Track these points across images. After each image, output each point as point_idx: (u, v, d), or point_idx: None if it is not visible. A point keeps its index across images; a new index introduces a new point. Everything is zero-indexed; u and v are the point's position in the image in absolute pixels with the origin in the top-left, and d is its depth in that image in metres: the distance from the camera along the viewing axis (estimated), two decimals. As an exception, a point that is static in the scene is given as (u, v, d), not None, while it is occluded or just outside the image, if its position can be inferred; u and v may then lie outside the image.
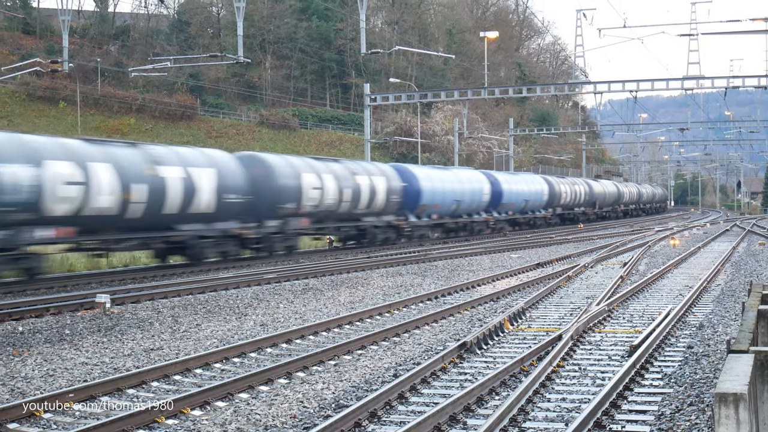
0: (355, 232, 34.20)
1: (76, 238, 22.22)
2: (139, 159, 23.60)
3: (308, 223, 30.29)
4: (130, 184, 22.82)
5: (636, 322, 15.22)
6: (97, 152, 22.36)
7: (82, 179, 21.34)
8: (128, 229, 23.40)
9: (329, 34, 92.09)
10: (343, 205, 31.91)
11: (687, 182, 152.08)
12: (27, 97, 77.52)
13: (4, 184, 19.49)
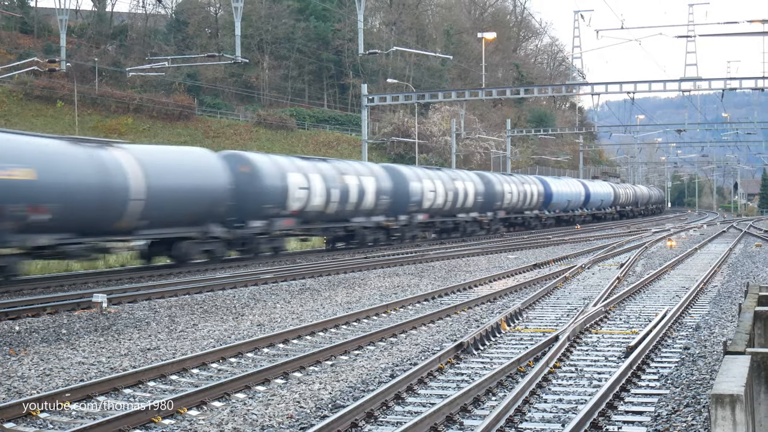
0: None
1: (299, 226, 30.57)
2: (333, 171, 32.21)
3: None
4: (330, 189, 31.50)
5: (633, 323, 15.23)
6: (312, 167, 31.25)
7: (306, 186, 30.12)
8: (326, 221, 32.07)
9: (327, 34, 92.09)
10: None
11: (684, 184, 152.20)
12: (24, 97, 77.44)
13: (268, 189, 28.44)
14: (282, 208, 29.16)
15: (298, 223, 30.47)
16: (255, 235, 28.22)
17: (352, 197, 33.16)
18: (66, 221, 20.84)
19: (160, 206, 23.57)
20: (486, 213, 46.58)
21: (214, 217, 26.05)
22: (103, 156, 22.36)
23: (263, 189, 28.32)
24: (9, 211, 19.31)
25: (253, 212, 27.97)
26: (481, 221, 46.20)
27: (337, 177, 32.47)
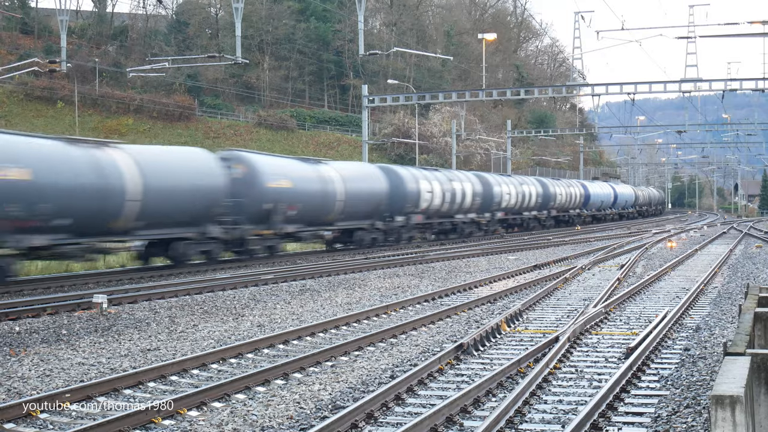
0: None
1: (423, 221, 39.51)
2: (445, 178, 41.68)
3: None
4: (445, 192, 40.73)
5: (633, 324, 15.23)
6: (432, 175, 40.65)
7: (430, 190, 39.39)
8: (440, 217, 41.44)
9: (327, 35, 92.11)
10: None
11: (684, 185, 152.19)
12: (25, 97, 77.46)
13: (409, 193, 37.46)
14: (416, 207, 38.47)
15: (424, 218, 39.76)
16: (399, 227, 37.39)
17: (457, 198, 42.53)
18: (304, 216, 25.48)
19: (156, 207, 23.57)
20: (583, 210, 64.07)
21: (211, 217, 26.12)
22: (99, 156, 22.37)
23: (406, 193, 37.38)
24: (5, 211, 19.33)
25: (398, 210, 36.99)
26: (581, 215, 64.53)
27: (447, 182, 41.62)
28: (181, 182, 24.97)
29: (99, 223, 22.07)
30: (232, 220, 26.98)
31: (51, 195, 20.50)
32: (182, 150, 29.32)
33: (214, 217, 26.15)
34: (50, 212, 20.50)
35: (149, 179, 23.30)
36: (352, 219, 33.48)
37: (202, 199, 25.56)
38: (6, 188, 19.38)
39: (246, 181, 27.57)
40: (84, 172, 21.60)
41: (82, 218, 21.44)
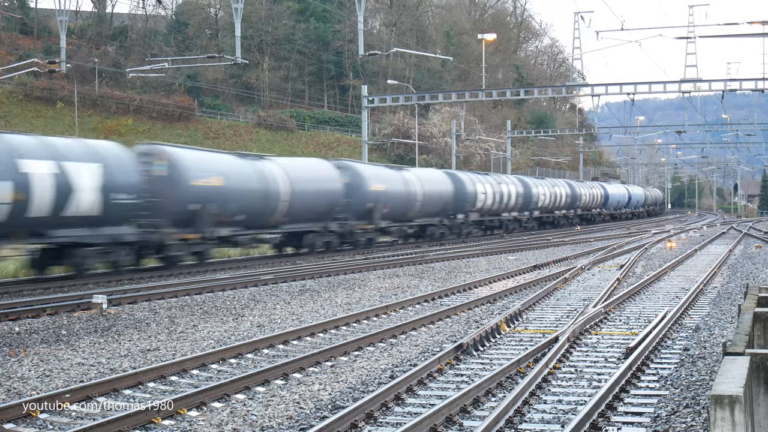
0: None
1: (478, 218, 45.89)
2: (494, 180, 48.47)
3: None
4: (495, 193, 47.32)
5: (632, 324, 15.23)
6: (484, 178, 47.33)
7: (484, 191, 45.73)
8: (490, 214, 48.06)
9: (327, 35, 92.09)
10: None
11: (684, 185, 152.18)
12: (24, 98, 77.45)
13: (468, 194, 43.79)
14: (473, 206, 44.80)
15: (479, 216, 45.99)
16: (460, 223, 44.21)
17: (504, 199, 48.82)
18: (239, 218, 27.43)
19: (298, 206, 29.96)
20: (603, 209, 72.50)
21: (332, 215, 32.45)
22: (261, 167, 29.05)
23: (466, 195, 43.86)
24: (207, 208, 25.60)
25: (460, 209, 43.73)
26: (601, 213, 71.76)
27: (497, 185, 47.84)
28: (314, 186, 31.23)
29: (262, 218, 28.66)
30: (344, 216, 33.27)
31: (235, 197, 26.89)
32: (312, 160, 35.91)
33: (333, 214, 32.52)
34: (233, 210, 26.97)
35: (294, 184, 29.84)
36: (427, 216, 40.81)
37: (326, 200, 31.97)
38: (209, 191, 25.76)
39: (354, 185, 33.94)
40: (254, 180, 28.08)
41: (252, 215, 27.96)
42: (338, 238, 33.28)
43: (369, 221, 34.92)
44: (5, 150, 20.47)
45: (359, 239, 34.58)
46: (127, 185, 23.33)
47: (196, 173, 25.89)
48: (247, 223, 28.02)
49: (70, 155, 22.05)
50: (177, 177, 25.32)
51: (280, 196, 29.25)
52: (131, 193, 23.42)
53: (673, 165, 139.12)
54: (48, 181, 21.04)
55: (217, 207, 26.19)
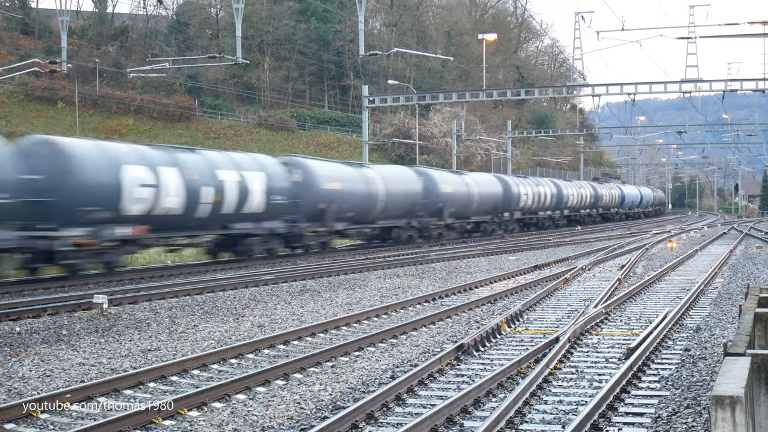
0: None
1: (520, 216, 51.63)
2: (533, 183, 54.77)
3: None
4: (534, 194, 53.17)
5: (633, 324, 15.23)
6: (524, 181, 53.19)
7: (527, 193, 52.01)
8: (529, 213, 53.56)
9: (328, 35, 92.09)
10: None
11: (685, 185, 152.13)
12: (25, 98, 77.46)
13: (514, 195, 49.62)
14: (516, 206, 50.83)
15: (521, 214, 52.05)
16: (507, 220, 49.50)
17: (541, 199, 54.96)
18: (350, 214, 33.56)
19: (390, 205, 36.34)
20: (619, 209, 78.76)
21: (413, 213, 38.82)
22: (365, 172, 35.72)
23: (512, 196, 49.57)
24: (331, 207, 31.95)
25: (506, 208, 49.03)
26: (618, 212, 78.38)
27: (535, 187, 54.33)
28: (401, 189, 37.66)
29: (366, 215, 35.01)
30: (422, 214, 39.51)
31: (349, 198, 33.09)
32: (398, 167, 43.54)
33: (414, 212, 38.90)
34: (347, 208, 33.08)
35: (388, 186, 36.17)
36: (481, 214, 46.47)
37: (410, 200, 38.30)
38: (332, 194, 32.16)
39: (429, 188, 39.98)
40: (361, 183, 34.66)
41: (359, 212, 34.28)
42: (417, 232, 39.64)
43: (440, 218, 41.48)
44: (208, 163, 26.40)
45: (433, 233, 41.26)
46: (281, 189, 29.39)
47: (325, 179, 32.31)
48: (355, 219, 34.54)
49: (245, 166, 28.13)
50: (312, 182, 31.76)
51: (379, 197, 35.90)
52: (283, 195, 29.53)
53: (674, 165, 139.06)
54: (234, 186, 26.97)
55: (337, 206, 32.64)
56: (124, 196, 22.88)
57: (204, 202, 25.63)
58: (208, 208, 25.77)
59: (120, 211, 22.88)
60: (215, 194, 25.95)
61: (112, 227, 22.74)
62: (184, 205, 24.82)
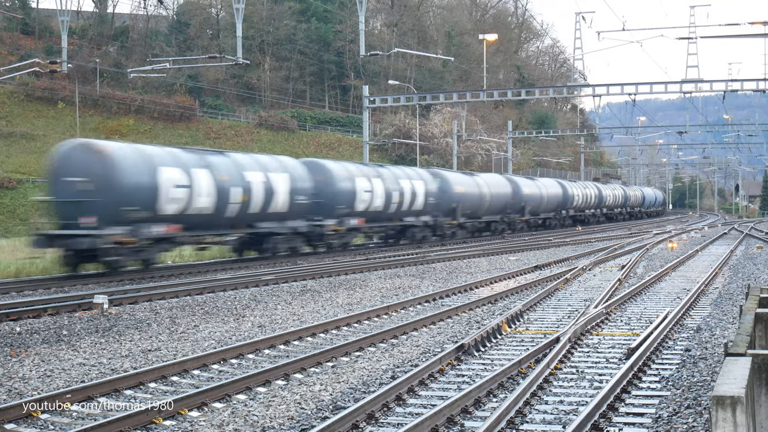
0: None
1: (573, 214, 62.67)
2: (581, 185, 65.71)
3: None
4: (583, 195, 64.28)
5: (634, 324, 15.22)
6: (576, 185, 65.08)
7: (581, 194, 64.37)
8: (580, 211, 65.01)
9: (328, 36, 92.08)
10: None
11: (685, 185, 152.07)
12: (26, 98, 77.46)
13: (570, 196, 61.26)
14: (571, 205, 62.19)
15: (574, 212, 63.07)
16: (563, 217, 60.73)
17: (588, 199, 66.39)
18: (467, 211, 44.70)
19: (493, 204, 47.21)
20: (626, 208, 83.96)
21: (504, 211, 49.24)
22: (476, 178, 46.91)
23: (568, 196, 60.99)
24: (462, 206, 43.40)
25: (563, 207, 60.57)
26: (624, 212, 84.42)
27: (583, 188, 64.67)
28: (499, 191, 48.56)
29: (478, 212, 45.64)
30: (510, 212, 50.02)
31: (456, 198, 42.78)
32: (496, 175, 54.57)
33: (506, 211, 49.33)
34: (468, 207, 44.14)
35: (491, 189, 46.92)
36: (546, 212, 57.36)
37: (503, 201, 49.04)
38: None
39: (514, 192, 50.78)
40: (473, 187, 45.29)
41: (473, 209, 44.93)
42: (507, 226, 50.03)
43: (522, 215, 52.42)
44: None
45: (516, 227, 51.64)
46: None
47: (456, 186, 43.22)
48: (469, 215, 44.80)
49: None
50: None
51: (485, 197, 45.87)
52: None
53: (675, 165, 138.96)
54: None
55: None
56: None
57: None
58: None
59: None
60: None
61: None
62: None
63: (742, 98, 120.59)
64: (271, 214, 28.99)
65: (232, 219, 27.43)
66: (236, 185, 27.17)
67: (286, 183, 29.69)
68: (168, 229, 24.90)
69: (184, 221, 25.28)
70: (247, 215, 28.04)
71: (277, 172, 29.45)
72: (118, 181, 23.17)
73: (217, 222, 26.92)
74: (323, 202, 32.20)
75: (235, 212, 27.33)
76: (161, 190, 24.27)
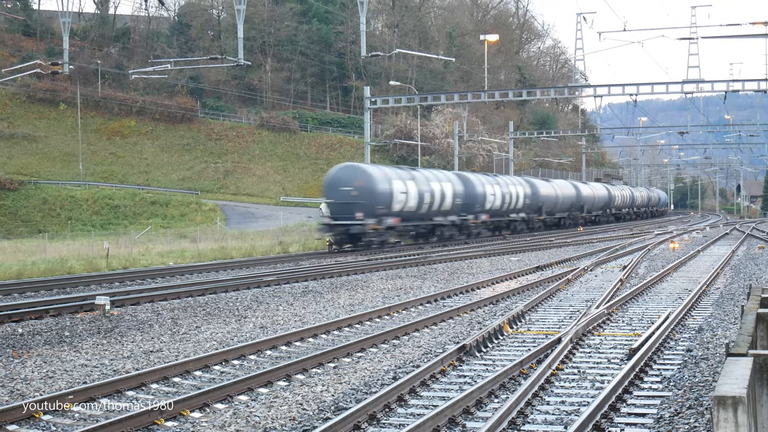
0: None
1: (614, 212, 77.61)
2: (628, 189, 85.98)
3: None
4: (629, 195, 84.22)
5: (635, 325, 15.22)
6: (618, 188, 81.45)
7: (616, 195, 77.20)
8: (618, 209, 78.75)
9: (329, 36, 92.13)
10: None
11: (687, 186, 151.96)
12: (27, 99, 77.56)
13: (613, 197, 76.59)
14: (612, 204, 74.30)
15: (615, 210, 75.22)
16: (581, 217, 66.43)
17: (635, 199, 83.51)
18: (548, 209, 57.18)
19: (565, 203, 60.09)
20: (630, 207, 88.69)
21: (572, 209, 62.19)
22: (554, 183, 59.65)
23: (611, 197, 73.56)
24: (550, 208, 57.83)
25: (607, 206, 73.01)
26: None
27: (629, 190, 77.53)
28: (568, 193, 61.00)
29: (554, 209, 57.93)
30: (574, 210, 61.85)
31: (562, 201, 58.85)
32: (563, 181, 65.46)
33: (573, 209, 61.84)
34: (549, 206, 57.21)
35: (562, 191, 59.19)
36: (596, 210, 69.69)
37: (570, 201, 61.11)
38: (548, 198, 56.40)
39: (579, 193, 62.71)
40: (551, 190, 57.68)
41: (551, 207, 57.25)
42: (572, 221, 62.24)
43: (581, 212, 63.30)
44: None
45: (578, 222, 63.47)
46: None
47: (542, 190, 56.05)
48: (550, 212, 58.08)
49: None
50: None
51: (559, 198, 58.87)
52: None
53: (676, 166, 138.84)
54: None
55: (549, 204, 57.63)
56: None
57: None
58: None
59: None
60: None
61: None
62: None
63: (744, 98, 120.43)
64: (441, 211, 42.24)
65: (423, 214, 40.51)
66: (427, 191, 40.22)
67: (450, 189, 42.83)
68: (395, 221, 38.00)
69: (402, 216, 38.44)
70: (431, 212, 41.15)
71: (445, 182, 42.75)
72: (374, 190, 36.12)
73: (417, 217, 40.00)
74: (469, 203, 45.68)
75: (426, 210, 40.50)
76: (394, 196, 37.24)
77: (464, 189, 44.78)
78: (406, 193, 38.39)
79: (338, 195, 35.66)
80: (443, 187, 42.20)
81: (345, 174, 36.75)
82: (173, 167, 75.79)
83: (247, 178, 75.97)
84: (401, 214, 38.32)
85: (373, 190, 36.17)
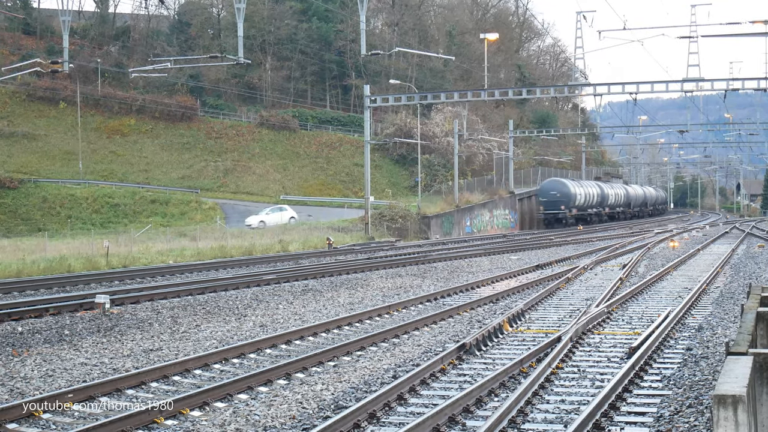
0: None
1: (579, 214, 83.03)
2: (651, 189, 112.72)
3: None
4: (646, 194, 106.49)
5: (635, 323, 15.22)
6: (642, 188, 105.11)
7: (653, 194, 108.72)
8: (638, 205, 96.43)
9: (329, 35, 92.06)
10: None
11: (686, 184, 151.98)
12: (27, 98, 77.51)
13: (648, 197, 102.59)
14: (606, 203, 76.67)
15: (609, 209, 78.74)
16: (605, 214, 78.39)
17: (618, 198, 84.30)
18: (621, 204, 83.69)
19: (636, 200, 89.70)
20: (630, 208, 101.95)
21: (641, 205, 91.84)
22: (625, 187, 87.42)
23: (647, 198, 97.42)
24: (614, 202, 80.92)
25: (601, 206, 76.97)
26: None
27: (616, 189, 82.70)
28: (638, 193, 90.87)
29: (625, 205, 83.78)
30: (644, 205, 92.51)
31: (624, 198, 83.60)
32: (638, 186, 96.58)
33: (641, 205, 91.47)
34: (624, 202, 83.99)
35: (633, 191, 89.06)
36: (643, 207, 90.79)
37: (642, 199, 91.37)
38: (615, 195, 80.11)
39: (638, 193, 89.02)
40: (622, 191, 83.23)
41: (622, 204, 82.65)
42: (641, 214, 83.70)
43: (645, 207, 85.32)
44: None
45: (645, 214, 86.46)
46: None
47: (609, 191, 75.99)
48: (624, 207, 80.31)
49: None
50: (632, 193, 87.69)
51: (632, 198, 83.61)
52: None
53: (676, 164, 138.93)
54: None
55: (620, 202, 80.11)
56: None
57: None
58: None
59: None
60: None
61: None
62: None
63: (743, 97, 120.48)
64: (612, 204, 69.58)
65: (598, 205, 64.95)
66: (602, 193, 65.67)
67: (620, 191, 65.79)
68: (575, 212, 64.17)
69: (578, 208, 65.08)
70: (607, 205, 66.70)
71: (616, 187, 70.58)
72: (569, 194, 64.07)
73: (598, 209, 65.58)
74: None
75: (604, 205, 66.35)
76: (577, 198, 64.53)
77: (600, 192, 71.05)
78: (578, 195, 65.71)
79: (549, 196, 65.03)
80: (615, 189, 72.65)
81: (552, 184, 66.62)
82: (173, 166, 75.78)
83: (246, 177, 75.96)
84: (578, 207, 66.11)
85: (568, 193, 64.64)
